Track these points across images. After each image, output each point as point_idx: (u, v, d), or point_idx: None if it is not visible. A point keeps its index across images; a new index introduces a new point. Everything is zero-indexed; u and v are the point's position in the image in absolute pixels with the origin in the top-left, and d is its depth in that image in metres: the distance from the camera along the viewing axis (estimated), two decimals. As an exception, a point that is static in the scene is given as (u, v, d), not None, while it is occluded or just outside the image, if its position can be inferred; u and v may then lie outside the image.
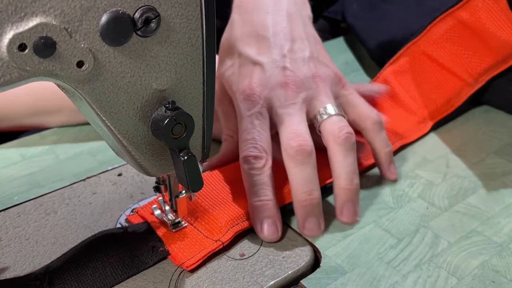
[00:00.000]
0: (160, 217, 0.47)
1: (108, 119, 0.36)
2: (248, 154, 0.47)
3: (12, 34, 0.30)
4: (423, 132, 0.62)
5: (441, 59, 0.64)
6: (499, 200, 0.52)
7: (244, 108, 0.49)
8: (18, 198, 0.53)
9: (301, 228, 0.47)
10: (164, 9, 0.35)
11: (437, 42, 0.64)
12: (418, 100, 0.64)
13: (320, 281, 0.43)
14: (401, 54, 0.65)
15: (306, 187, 0.46)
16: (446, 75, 0.64)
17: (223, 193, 0.50)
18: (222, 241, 0.45)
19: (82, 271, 0.43)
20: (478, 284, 0.43)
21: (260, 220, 0.46)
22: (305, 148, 0.46)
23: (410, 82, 0.65)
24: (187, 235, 0.46)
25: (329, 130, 0.48)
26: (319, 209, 0.47)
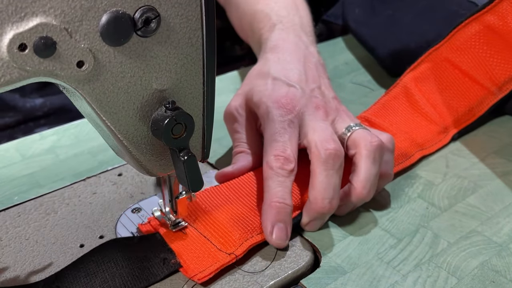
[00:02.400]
0: (160, 219, 0.47)
1: (108, 119, 0.37)
2: (280, 154, 0.47)
3: (12, 34, 0.30)
4: (444, 143, 0.60)
5: (464, 66, 0.61)
6: (499, 200, 0.52)
7: (278, 114, 0.49)
8: (18, 198, 0.53)
9: (304, 225, 0.48)
10: (164, 9, 0.35)
11: (461, 48, 0.61)
12: (439, 108, 0.62)
13: (320, 281, 0.43)
14: (422, 61, 0.63)
15: (329, 194, 0.46)
16: (468, 83, 0.62)
17: (236, 205, 0.48)
18: (236, 254, 0.44)
19: (91, 281, 0.42)
20: (478, 284, 0.43)
21: (273, 222, 0.45)
22: (339, 154, 0.46)
23: (431, 90, 0.63)
24: (200, 247, 0.45)
25: (362, 137, 0.48)
26: (328, 216, 0.48)
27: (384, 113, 0.62)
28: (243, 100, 0.54)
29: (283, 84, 0.52)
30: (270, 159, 0.47)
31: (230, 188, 0.50)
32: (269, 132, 0.49)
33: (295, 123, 0.49)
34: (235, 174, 0.52)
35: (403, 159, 0.56)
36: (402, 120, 0.61)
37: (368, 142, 0.48)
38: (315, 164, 0.46)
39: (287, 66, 0.55)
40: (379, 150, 0.48)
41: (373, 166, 0.47)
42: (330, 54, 0.81)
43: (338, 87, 0.72)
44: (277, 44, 0.58)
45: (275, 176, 0.46)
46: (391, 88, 0.64)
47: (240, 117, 0.54)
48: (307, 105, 0.51)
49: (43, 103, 0.79)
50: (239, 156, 0.53)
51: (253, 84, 0.54)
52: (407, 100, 0.63)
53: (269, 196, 0.46)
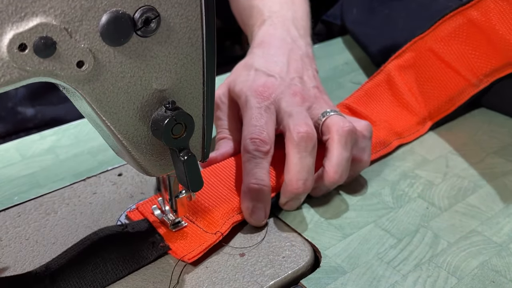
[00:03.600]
0: (160, 217, 0.47)
1: (108, 119, 0.37)
2: (255, 137, 0.49)
3: (12, 34, 0.30)
4: (422, 133, 0.62)
5: (447, 57, 0.63)
6: (499, 200, 0.52)
7: (254, 101, 0.52)
8: (18, 198, 0.53)
9: (282, 205, 0.50)
10: (164, 9, 0.35)
11: (445, 39, 0.63)
12: (420, 97, 0.64)
13: (320, 281, 0.43)
14: (407, 49, 0.65)
15: (303, 175, 0.47)
16: (450, 73, 0.63)
17: (218, 188, 0.50)
18: (221, 232, 0.46)
19: (83, 268, 0.43)
20: (478, 284, 0.43)
21: (252, 203, 0.47)
22: (310, 136, 0.48)
23: (413, 78, 0.64)
24: (186, 231, 0.47)
25: (334, 122, 0.50)
26: (304, 196, 0.50)
27: (366, 101, 0.64)
28: (226, 89, 0.57)
29: (263, 75, 0.55)
30: (247, 143, 0.49)
31: (212, 172, 0.52)
32: (246, 118, 0.51)
33: (272, 109, 0.51)
34: (218, 159, 0.54)
35: (381, 147, 0.58)
36: (382, 108, 0.63)
37: (340, 127, 0.49)
38: (289, 147, 0.48)
39: (271, 59, 0.57)
40: (350, 135, 0.49)
41: (344, 150, 0.49)
42: (329, 54, 0.81)
43: (338, 86, 0.73)
44: (263, 40, 0.61)
45: (252, 158, 0.48)
46: (375, 74, 0.65)
47: (223, 104, 0.57)
48: (284, 92, 0.53)
49: (34, 115, 0.78)
50: (222, 142, 0.56)
51: (237, 75, 0.57)
52: (389, 88, 0.64)
53: (247, 178, 0.48)
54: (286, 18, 0.64)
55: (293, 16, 0.65)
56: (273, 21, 0.64)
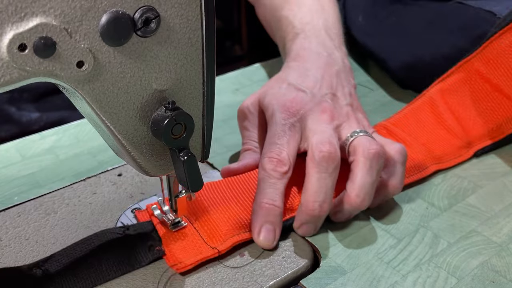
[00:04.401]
0: (160, 217, 0.47)
1: (108, 119, 0.37)
2: (274, 156, 0.47)
3: (12, 34, 0.30)
4: (465, 158, 0.57)
5: (496, 79, 0.58)
6: (498, 200, 0.52)
7: (280, 117, 0.50)
8: (18, 198, 0.53)
9: (297, 228, 0.47)
10: (164, 9, 0.35)
11: (493, 61, 0.58)
12: (464, 122, 0.59)
13: (320, 281, 0.43)
14: (452, 72, 0.60)
15: (320, 197, 0.45)
16: (499, 98, 0.58)
17: (231, 202, 0.49)
18: (218, 249, 0.45)
19: (78, 265, 0.43)
20: (477, 284, 0.43)
21: (261, 223, 0.45)
22: (333, 156, 0.46)
23: (458, 102, 0.60)
24: (187, 236, 0.46)
25: (361, 143, 0.48)
26: (321, 220, 0.47)
27: (405, 123, 0.60)
28: (256, 100, 0.55)
29: (294, 89, 0.53)
30: (265, 161, 0.47)
31: (228, 184, 0.51)
32: (269, 134, 0.49)
33: (297, 127, 0.49)
34: (240, 170, 0.52)
35: (415, 171, 0.55)
36: (421, 131, 0.59)
37: (366, 149, 0.47)
38: (309, 166, 0.46)
39: (305, 73, 0.55)
40: (376, 158, 0.47)
41: (369, 174, 0.46)
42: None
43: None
44: (298, 54, 0.59)
45: (267, 177, 0.47)
46: (417, 98, 0.62)
47: (251, 115, 0.55)
48: (312, 109, 0.51)
49: (39, 117, 0.78)
50: (246, 153, 0.54)
51: (268, 87, 0.55)
52: (431, 112, 0.60)
53: (259, 197, 0.46)
54: (319, 29, 0.62)
55: (325, 24, 0.63)
56: (306, 34, 0.61)
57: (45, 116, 0.78)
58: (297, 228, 0.47)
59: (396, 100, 0.70)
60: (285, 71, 0.57)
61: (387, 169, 0.49)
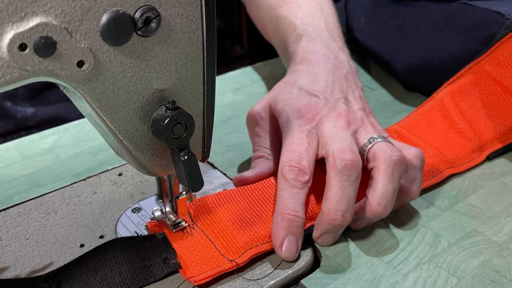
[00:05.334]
0: (160, 219, 0.47)
1: (108, 119, 0.37)
2: (295, 164, 0.46)
3: (12, 34, 0.30)
4: (478, 162, 0.57)
5: (506, 82, 0.57)
6: (499, 200, 0.52)
7: (297, 123, 0.49)
8: (19, 197, 0.53)
9: (316, 238, 0.47)
10: (164, 9, 0.35)
11: (504, 63, 0.57)
12: (476, 125, 0.59)
13: (320, 281, 0.43)
14: (462, 74, 0.60)
15: (342, 206, 0.44)
16: (510, 100, 0.58)
17: (246, 212, 0.47)
18: (237, 262, 0.43)
19: (91, 278, 0.42)
20: (478, 284, 0.43)
21: (284, 235, 0.44)
22: (355, 165, 0.45)
23: (469, 105, 0.59)
24: (202, 248, 0.45)
25: (381, 150, 0.47)
26: (342, 229, 0.47)
27: (416, 127, 0.59)
28: (267, 105, 0.54)
29: (306, 94, 0.52)
30: (285, 170, 0.46)
31: (243, 193, 0.50)
32: (287, 141, 0.48)
33: (314, 133, 0.48)
34: (254, 179, 0.51)
35: (430, 176, 0.54)
36: (433, 135, 0.59)
37: (388, 156, 0.46)
38: (330, 174, 0.45)
39: (315, 77, 0.54)
40: (398, 165, 0.46)
41: (390, 182, 0.45)
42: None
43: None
44: (304, 57, 0.57)
45: (289, 187, 0.45)
46: (426, 101, 0.61)
47: (263, 121, 0.54)
48: (328, 115, 0.50)
49: (35, 113, 0.78)
50: (259, 161, 0.53)
51: (279, 92, 0.54)
52: (441, 115, 0.60)
53: (281, 207, 0.45)
54: (322, 30, 0.61)
55: (327, 25, 0.62)
56: (310, 36, 0.60)
57: (41, 112, 0.78)
58: (317, 238, 0.46)
59: (397, 99, 0.70)
60: (294, 75, 0.55)
61: (405, 174, 0.48)
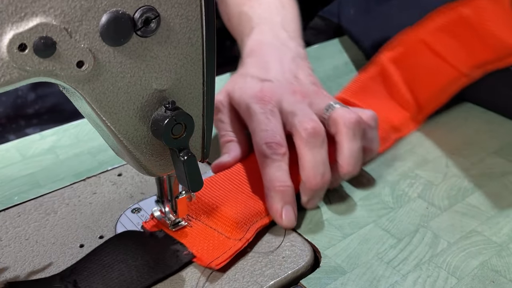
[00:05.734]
0: (160, 218, 0.47)
1: (108, 119, 0.37)
2: (270, 141, 0.49)
3: (12, 34, 0.30)
4: (418, 125, 0.63)
5: (438, 48, 0.63)
6: (498, 200, 0.52)
7: (257, 108, 0.52)
8: (18, 198, 0.53)
9: (305, 203, 0.50)
10: (164, 9, 0.35)
11: (436, 32, 0.63)
12: (414, 88, 0.64)
13: (320, 281, 0.43)
14: (399, 41, 0.65)
15: (319, 170, 0.48)
16: (442, 64, 0.64)
17: (235, 194, 0.50)
18: (246, 238, 0.45)
19: (108, 274, 0.42)
20: (477, 284, 0.43)
21: (281, 206, 0.47)
22: (318, 131, 0.48)
23: (407, 70, 0.65)
24: (208, 237, 0.46)
25: (340, 115, 0.50)
26: (325, 189, 0.50)
27: (362, 95, 0.64)
28: (226, 95, 0.57)
29: (258, 81, 0.55)
30: (263, 148, 0.49)
31: (226, 178, 0.52)
32: (254, 124, 0.51)
33: (276, 112, 0.51)
34: (232, 163, 0.54)
35: (381, 142, 0.57)
36: (378, 102, 0.63)
37: (347, 119, 0.49)
38: (299, 145, 0.48)
39: (264, 65, 0.57)
40: (357, 126, 0.50)
41: (354, 142, 0.49)
42: (330, 54, 0.81)
43: (338, 87, 0.72)
44: (253, 48, 0.61)
45: (271, 162, 0.48)
46: (368, 66, 0.66)
47: (224, 108, 0.57)
48: (283, 93, 0.53)
49: (34, 100, 0.77)
50: (230, 145, 0.55)
51: (234, 83, 0.57)
52: (383, 81, 0.65)
53: (271, 182, 0.48)
54: (275, 23, 0.64)
55: (282, 19, 0.65)
56: (261, 28, 0.64)
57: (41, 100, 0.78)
58: (305, 203, 0.50)
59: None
60: (245, 67, 0.59)
61: (364, 136, 0.52)
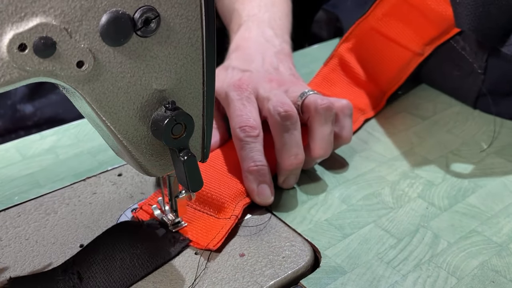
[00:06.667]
0: (160, 217, 0.47)
1: (108, 119, 0.37)
2: (243, 124, 0.51)
3: (12, 34, 0.30)
4: (381, 107, 0.67)
5: (389, 33, 0.66)
6: (499, 200, 0.52)
7: (235, 94, 0.54)
8: (18, 198, 0.53)
9: (281, 183, 0.53)
10: (164, 9, 0.35)
11: (383, 18, 0.66)
12: (373, 73, 0.67)
13: (320, 281, 0.43)
14: (352, 31, 0.67)
15: (293, 150, 0.51)
16: (395, 47, 0.67)
17: (218, 177, 0.52)
18: (235, 215, 0.47)
19: (110, 263, 0.43)
20: (477, 284, 0.43)
21: (256, 184, 0.50)
22: (291, 113, 0.50)
23: (364, 57, 0.67)
24: (200, 221, 0.48)
25: (312, 101, 0.52)
26: (299, 169, 0.53)
27: (325, 85, 0.67)
28: None
29: (239, 71, 0.58)
30: (237, 132, 0.51)
31: (207, 164, 0.53)
32: (231, 110, 0.53)
33: (252, 98, 0.54)
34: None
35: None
36: (342, 90, 0.67)
37: (318, 104, 0.52)
38: (274, 128, 0.51)
39: (246, 58, 0.60)
40: (328, 111, 0.52)
41: (325, 126, 0.52)
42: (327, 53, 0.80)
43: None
44: (238, 44, 0.64)
45: (245, 144, 0.51)
46: (328, 60, 0.68)
47: None
48: (260, 81, 0.55)
49: (33, 113, 0.78)
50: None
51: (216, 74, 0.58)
52: (343, 71, 0.67)
53: (245, 163, 0.50)
54: (262, 21, 0.67)
55: (270, 17, 0.68)
56: (248, 25, 0.66)
57: (40, 111, 0.78)
58: (281, 183, 0.53)
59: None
60: (228, 61, 0.62)
61: (338, 123, 0.55)
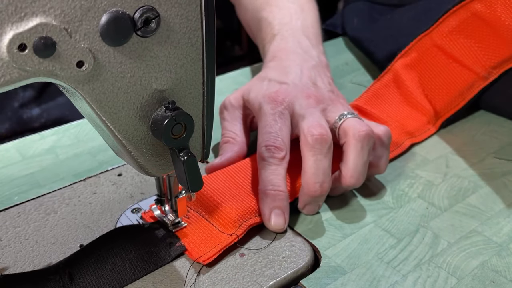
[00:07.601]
0: (160, 218, 0.47)
1: (108, 119, 0.37)
2: (270, 144, 0.49)
3: (12, 34, 0.30)
4: (433, 131, 0.62)
5: (453, 51, 0.62)
6: (499, 200, 0.52)
7: (268, 107, 0.52)
8: (18, 198, 0.53)
9: (301, 208, 0.50)
10: (164, 9, 0.35)
11: (450, 34, 0.62)
12: (429, 95, 0.63)
13: (320, 281, 0.43)
14: (412, 46, 0.64)
15: (319, 178, 0.47)
16: (458, 68, 0.63)
17: (234, 190, 0.50)
18: (237, 234, 0.45)
19: (102, 266, 0.43)
20: (477, 284, 0.43)
21: (270, 209, 0.47)
22: (325, 138, 0.48)
23: (421, 76, 0.64)
24: (202, 230, 0.47)
25: (351, 126, 0.50)
26: (323, 198, 0.50)
27: (375, 102, 0.63)
28: (240, 95, 0.57)
29: (276, 83, 0.55)
30: (262, 150, 0.49)
31: (227, 174, 0.52)
32: (261, 125, 0.51)
33: (286, 114, 0.51)
34: (224, 164, 0.54)
35: (394, 147, 0.58)
36: (392, 108, 0.63)
37: (357, 131, 0.49)
38: (304, 150, 0.48)
39: (284, 70, 0.57)
40: (367, 139, 0.49)
41: (361, 155, 0.49)
42: (330, 54, 0.81)
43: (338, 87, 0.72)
44: (275, 55, 0.61)
45: (267, 165, 0.48)
46: (382, 75, 0.65)
47: (232, 107, 0.57)
48: (297, 96, 0.53)
49: (40, 115, 0.78)
50: (225, 146, 0.56)
51: (252, 85, 0.57)
52: (397, 88, 0.64)
53: (263, 185, 0.48)
54: (296, 29, 0.64)
55: (303, 25, 0.65)
56: (283, 34, 0.63)
57: (46, 113, 0.78)
58: (301, 209, 0.50)
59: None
60: (265, 71, 0.59)
61: (374, 151, 0.52)
